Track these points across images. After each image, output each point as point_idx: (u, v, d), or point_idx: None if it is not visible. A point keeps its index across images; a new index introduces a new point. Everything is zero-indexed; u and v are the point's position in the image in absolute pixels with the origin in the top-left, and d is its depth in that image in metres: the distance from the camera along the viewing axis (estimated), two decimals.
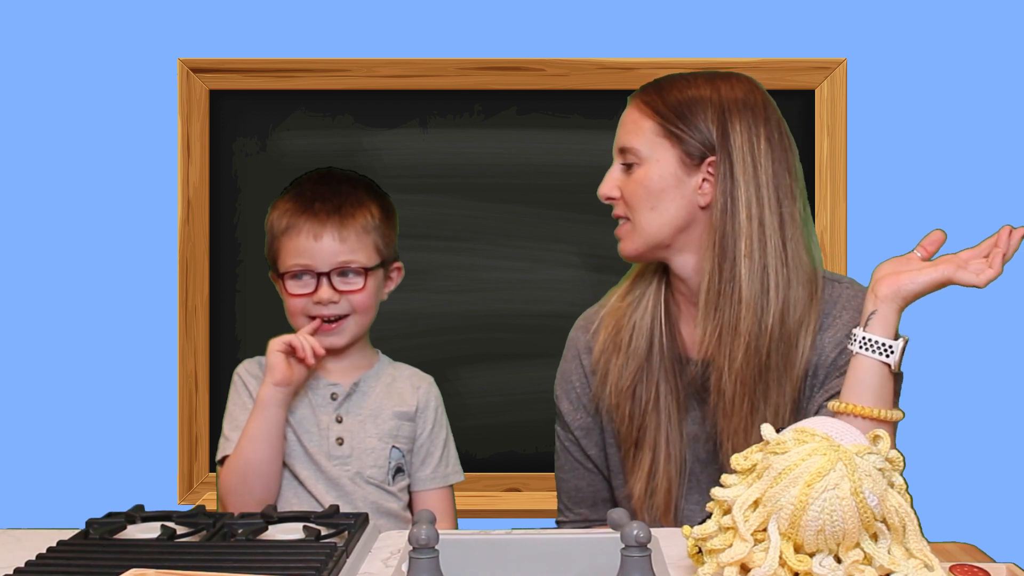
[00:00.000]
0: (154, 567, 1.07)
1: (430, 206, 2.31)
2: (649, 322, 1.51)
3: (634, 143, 1.48)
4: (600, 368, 1.54)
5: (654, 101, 1.49)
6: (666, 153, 1.46)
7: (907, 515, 1.04)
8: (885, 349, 1.34)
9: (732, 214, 1.42)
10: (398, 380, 1.68)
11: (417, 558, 1.04)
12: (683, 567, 1.15)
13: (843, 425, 1.08)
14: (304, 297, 1.59)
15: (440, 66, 2.28)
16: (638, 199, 1.47)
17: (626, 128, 1.51)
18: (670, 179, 1.46)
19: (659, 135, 1.47)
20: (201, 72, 2.29)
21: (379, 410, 1.63)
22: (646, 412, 1.49)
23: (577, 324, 1.64)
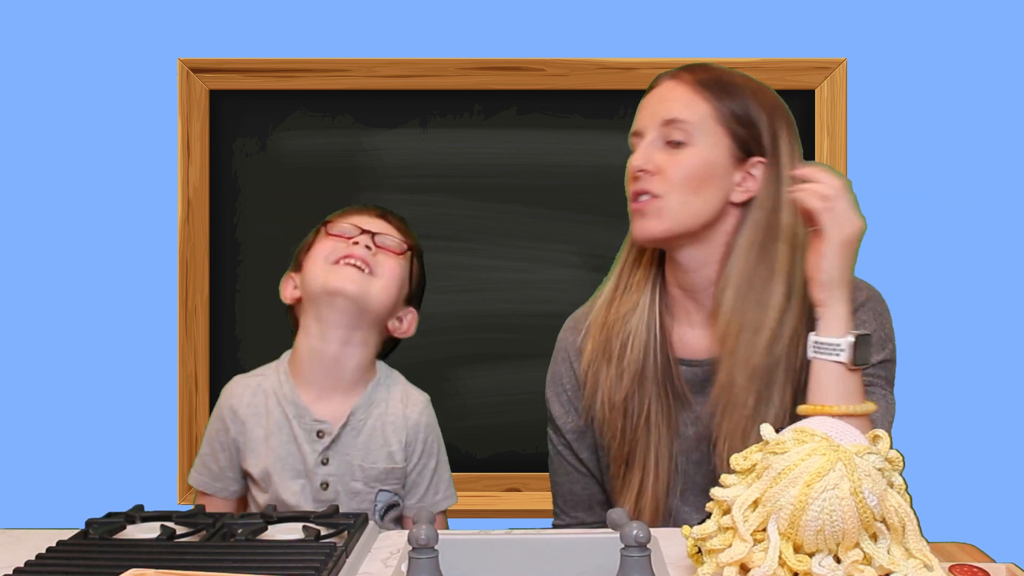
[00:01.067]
0: (154, 567, 1.07)
1: (430, 206, 2.31)
2: (644, 332, 1.48)
3: (687, 118, 1.43)
4: (589, 379, 1.51)
5: (711, 84, 1.45)
6: (721, 140, 1.43)
7: (907, 515, 1.04)
8: (834, 349, 1.33)
9: (777, 217, 1.42)
10: (391, 409, 1.59)
11: (417, 558, 1.04)
12: (683, 567, 1.15)
13: (843, 425, 1.08)
14: (340, 239, 1.57)
15: (440, 66, 2.28)
16: (682, 180, 1.42)
17: (677, 102, 1.45)
18: (719, 168, 1.43)
19: (716, 121, 1.44)
20: (201, 72, 2.29)
21: (368, 452, 1.56)
22: (637, 428, 1.47)
23: (566, 326, 1.62)
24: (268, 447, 1.54)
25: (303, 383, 1.56)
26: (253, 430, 1.55)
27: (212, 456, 1.57)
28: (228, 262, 2.33)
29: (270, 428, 1.54)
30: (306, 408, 1.54)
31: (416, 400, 1.61)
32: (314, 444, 1.54)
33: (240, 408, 1.56)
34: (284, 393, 1.56)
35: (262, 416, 1.55)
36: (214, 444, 1.57)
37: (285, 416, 1.55)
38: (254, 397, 1.57)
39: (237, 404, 1.57)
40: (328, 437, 1.54)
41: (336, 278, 1.54)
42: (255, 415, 1.55)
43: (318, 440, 1.54)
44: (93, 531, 1.23)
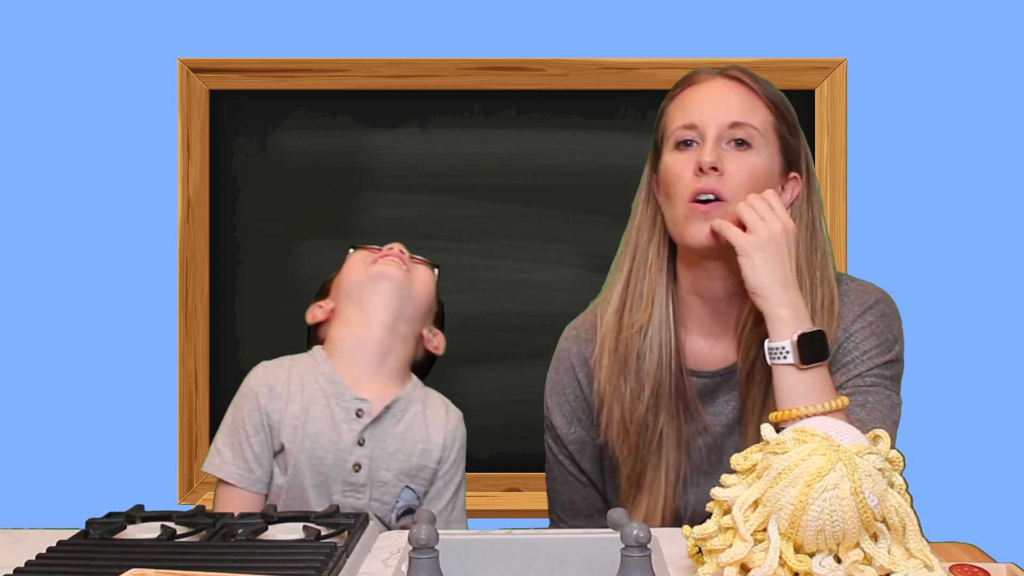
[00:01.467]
0: (154, 567, 1.07)
1: (430, 206, 2.31)
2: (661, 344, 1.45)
3: (755, 123, 1.42)
4: (607, 396, 1.47)
5: (768, 94, 1.45)
6: (776, 150, 1.44)
7: (907, 515, 1.04)
8: (781, 352, 1.33)
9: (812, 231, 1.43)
10: (429, 409, 1.57)
11: (417, 558, 1.04)
12: (683, 567, 1.15)
13: (843, 425, 1.08)
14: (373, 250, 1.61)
15: (440, 66, 2.28)
16: (746, 185, 1.40)
17: (741, 105, 1.43)
18: (773, 177, 1.44)
19: (773, 129, 1.44)
20: (201, 72, 2.29)
21: (405, 442, 1.52)
22: (651, 444, 1.45)
23: (567, 335, 1.59)
24: (301, 422, 1.49)
25: (342, 366, 1.54)
26: (289, 405, 1.50)
27: (246, 443, 1.49)
28: (228, 262, 2.33)
29: (306, 402, 1.50)
30: (345, 386, 1.52)
31: (455, 412, 1.61)
32: (351, 423, 1.50)
33: (277, 384, 1.51)
34: (322, 372, 1.53)
35: (297, 393, 1.51)
36: (247, 428, 1.50)
37: (324, 393, 1.51)
38: (290, 375, 1.53)
39: (273, 380, 1.52)
40: (367, 417, 1.50)
41: (379, 268, 1.57)
42: (289, 391, 1.51)
43: (356, 419, 1.50)
44: (93, 531, 1.23)
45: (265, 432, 1.50)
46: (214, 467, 1.51)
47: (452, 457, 1.56)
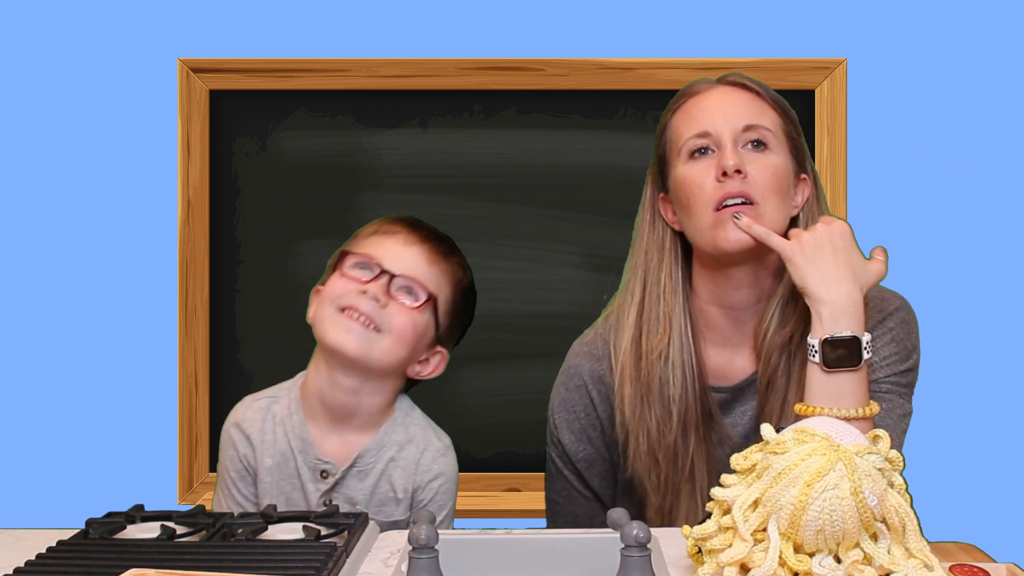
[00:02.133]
0: (154, 567, 1.07)
1: (430, 206, 2.31)
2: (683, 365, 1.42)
3: (768, 125, 1.41)
4: (633, 426, 1.44)
5: (771, 97, 1.45)
6: (787, 150, 1.43)
7: (907, 515, 1.04)
8: (812, 350, 1.30)
9: None
10: (404, 454, 1.48)
11: (417, 558, 1.04)
12: (683, 567, 1.15)
13: (843, 425, 1.08)
14: (353, 282, 1.43)
15: (440, 66, 2.28)
16: (773, 185, 1.39)
17: (752, 109, 1.42)
18: (790, 177, 1.43)
19: (782, 132, 1.43)
20: (201, 72, 2.29)
21: (372, 497, 1.46)
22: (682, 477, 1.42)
23: (577, 352, 1.54)
24: (273, 478, 1.47)
25: (312, 417, 1.47)
26: (262, 457, 1.47)
27: (235, 487, 1.48)
28: (228, 262, 2.33)
29: (276, 460, 1.47)
30: (312, 444, 1.46)
31: (434, 447, 1.50)
32: (318, 483, 1.46)
33: (252, 432, 1.48)
34: (292, 424, 1.47)
35: (270, 445, 1.47)
36: (231, 474, 1.48)
37: (291, 449, 1.46)
38: (264, 423, 1.48)
39: (249, 428, 1.48)
40: (332, 478, 1.45)
41: (336, 333, 1.42)
42: (263, 442, 1.47)
43: (322, 480, 1.45)
44: (93, 531, 1.23)
45: (250, 475, 1.49)
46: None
47: (426, 498, 1.48)
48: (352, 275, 1.45)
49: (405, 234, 1.49)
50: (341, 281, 1.45)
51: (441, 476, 1.49)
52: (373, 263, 1.45)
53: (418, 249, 1.49)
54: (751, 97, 1.44)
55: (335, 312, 1.44)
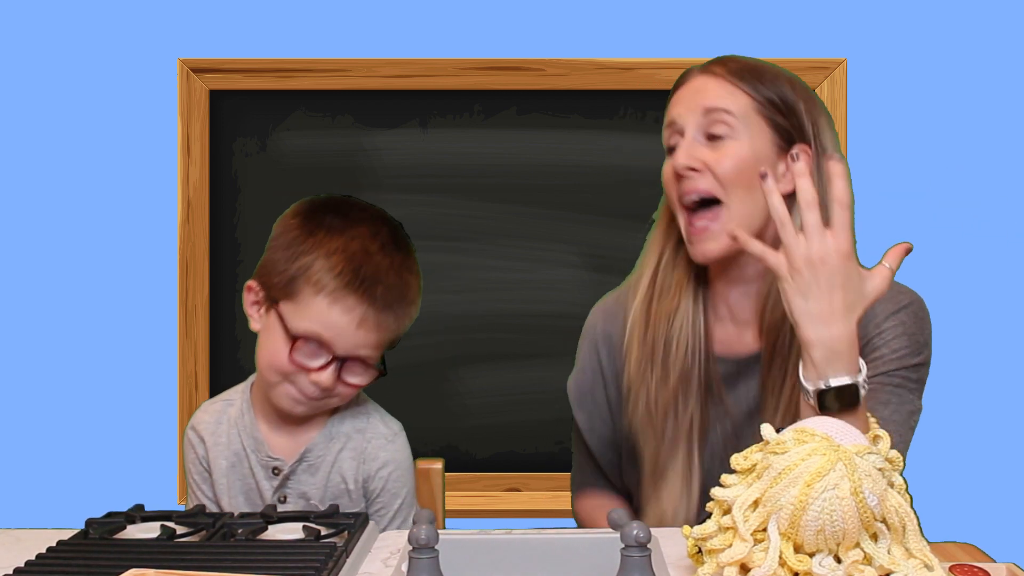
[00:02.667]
0: (154, 567, 1.07)
1: (430, 206, 2.31)
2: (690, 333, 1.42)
3: (729, 107, 1.36)
4: (635, 384, 1.45)
5: (745, 75, 1.39)
6: (762, 130, 1.37)
7: (907, 515, 1.04)
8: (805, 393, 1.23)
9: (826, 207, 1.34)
10: (350, 444, 1.46)
11: (417, 558, 1.04)
12: (683, 567, 1.15)
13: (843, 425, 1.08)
14: (303, 369, 1.37)
15: (440, 66, 2.28)
16: (732, 174, 1.35)
17: (711, 94, 1.38)
18: (765, 160, 1.36)
19: (755, 112, 1.37)
20: (201, 72, 2.29)
21: (325, 490, 1.45)
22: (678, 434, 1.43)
23: (595, 310, 1.56)
24: (229, 479, 1.47)
25: (262, 416, 1.47)
26: (216, 460, 1.47)
27: (198, 490, 1.48)
28: (228, 262, 2.33)
29: (231, 460, 1.47)
30: (263, 442, 1.45)
31: (381, 433, 1.47)
32: (272, 480, 1.45)
33: (206, 435, 1.48)
34: (244, 425, 1.47)
35: (223, 447, 1.47)
36: (194, 476, 1.48)
37: (244, 449, 1.46)
38: (218, 425, 1.48)
39: (203, 431, 1.48)
40: (283, 474, 1.45)
41: (284, 402, 1.40)
42: (217, 444, 1.47)
43: (275, 476, 1.45)
44: (93, 531, 1.23)
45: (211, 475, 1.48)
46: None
47: (378, 486, 1.45)
48: (301, 361, 1.37)
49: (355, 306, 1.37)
50: (285, 362, 1.37)
51: (390, 463, 1.46)
52: (324, 345, 1.37)
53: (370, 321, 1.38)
54: (718, 83, 1.39)
55: (281, 380, 1.40)
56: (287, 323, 1.37)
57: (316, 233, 1.40)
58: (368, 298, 1.37)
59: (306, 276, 1.37)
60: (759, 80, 1.40)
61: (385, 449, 1.46)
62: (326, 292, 1.36)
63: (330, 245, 1.38)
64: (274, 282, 1.40)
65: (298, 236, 1.41)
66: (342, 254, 1.38)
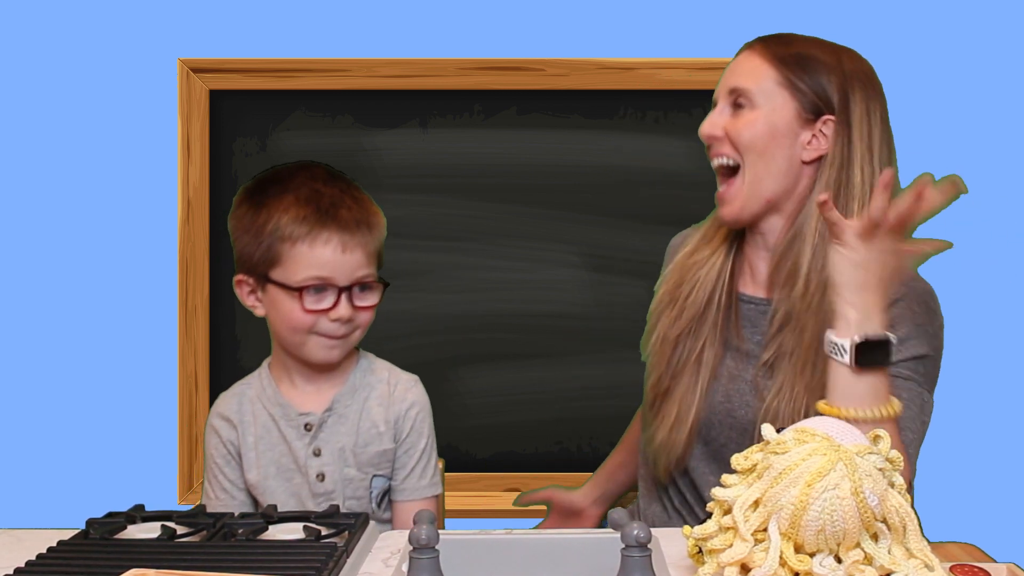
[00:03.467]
0: (154, 567, 1.07)
1: (430, 206, 2.31)
2: (715, 276, 1.50)
3: (750, 86, 1.45)
4: (652, 320, 1.54)
5: (779, 51, 1.47)
6: (785, 103, 1.44)
7: (907, 515, 1.04)
8: (839, 350, 1.29)
9: (848, 174, 1.44)
10: (376, 392, 1.54)
11: (417, 558, 1.04)
12: (683, 567, 1.15)
13: (843, 425, 1.08)
14: (320, 314, 1.45)
15: (440, 66, 2.28)
16: (747, 139, 1.44)
17: (742, 71, 1.47)
18: (784, 128, 1.44)
19: (780, 84, 1.45)
20: (201, 72, 2.29)
21: (357, 436, 1.52)
22: (685, 364, 1.49)
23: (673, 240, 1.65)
24: (259, 452, 1.52)
25: (284, 383, 1.54)
26: (244, 436, 1.53)
27: (221, 474, 1.53)
28: (228, 262, 2.30)
29: (259, 432, 1.53)
30: (289, 404, 1.52)
31: (403, 379, 1.57)
32: (303, 438, 1.51)
33: (232, 415, 1.54)
34: (267, 398, 1.54)
35: (250, 423, 1.53)
36: (217, 461, 1.54)
37: (272, 419, 1.53)
38: (241, 405, 1.55)
39: (229, 413, 1.54)
40: (315, 427, 1.52)
41: (319, 353, 1.49)
42: (243, 422, 1.54)
43: (307, 433, 1.51)
44: (93, 531, 1.23)
45: (235, 459, 1.54)
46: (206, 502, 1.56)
47: (407, 427, 1.54)
48: (314, 308, 1.45)
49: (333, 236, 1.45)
50: (304, 316, 1.46)
51: (416, 404, 1.55)
52: (324, 284, 1.45)
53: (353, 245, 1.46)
54: (752, 61, 1.48)
55: (307, 336, 1.48)
56: (286, 284, 1.45)
57: (265, 203, 1.48)
58: (338, 224, 1.45)
59: (278, 237, 1.46)
60: (792, 58, 1.47)
61: (411, 391, 1.55)
62: (301, 238, 1.44)
63: (282, 203, 1.47)
64: (255, 262, 1.50)
65: (252, 214, 1.49)
66: (295, 202, 1.46)
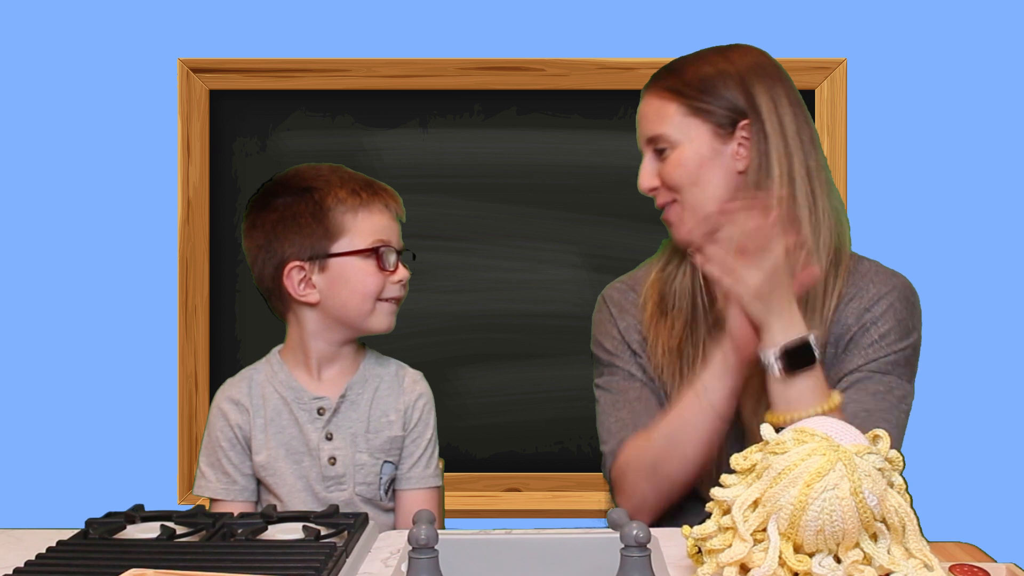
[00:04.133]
0: (154, 567, 1.07)
1: (430, 206, 2.31)
2: (689, 284, 1.52)
3: (662, 130, 1.48)
4: (651, 335, 1.55)
5: (673, 83, 1.49)
6: (698, 130, 1.47)
7: (907, 515, 1.04)
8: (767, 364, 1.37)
9: (767, 172, 1.45)
10: (386, 382, 1.60)
11: (417, 558, 1.04)
12: (683, 567, 1.15)
13: (843, 425, 1.08)
14: (387, 274, 1.54)
15: (440, 66, 2.28)
16: (679, 179, 1.47)
17: (649, 118, 1.51)
18: (707, 153, 1.47)
19: (687, 115, 1.47)
20: (201, 72, 2.29)
21: (369, 422, 1.56)
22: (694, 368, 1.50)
23: (608, 287, 1.65)
24: (269, 435, 1.54)
25: (298, 369, 1.57)
26: (255, 418, 1.55)
27: (225, 458, 1.54)
28: (228, 262, 2.33)
29: (269, 415, 1.54)
30: (303, 389, 1.55)
31: (411, 373, 1.63)
32: (316, 422, 1.54)
33: (242, 399, 1.56)
34: (279, 381, 1.56)
35: (260, 407, 1.55)
36: (222, 444, 1.55)
37: (284, 401, 1.55)
38: (251, 388, 1.56)
39: (239, 396, 1.56)
40: (329, 412, 1.54)
41: (383, 321, 1.56)
42: (253, 405, 1.55)
43: (319, 417, 1.54)
44: (93, 531, 1.23)
45: (241, 444, 1.55)
46: (200, 488, 1.57)
47: (415, 417, 1.59)
48: (388, 267, 1.54)
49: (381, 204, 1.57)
50: (374, 279, 1.53)
51: (424, 395, 1.61)
52: (386, 247, 1.55)
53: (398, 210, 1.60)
54: (652, 104, 1.51)
55: (374, 303, 1.54)
56: (356, 250, 1.53)
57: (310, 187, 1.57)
58: (386, 193, 1.58)
59: (339, 210, 1.54)
60: (686, 84, 1.49)
61: (419, 383, 1.62)
62: (362, 206, 1.55)
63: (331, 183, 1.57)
64: (313, 242, 1.53)
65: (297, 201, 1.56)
66: (342, 180, 1.58)
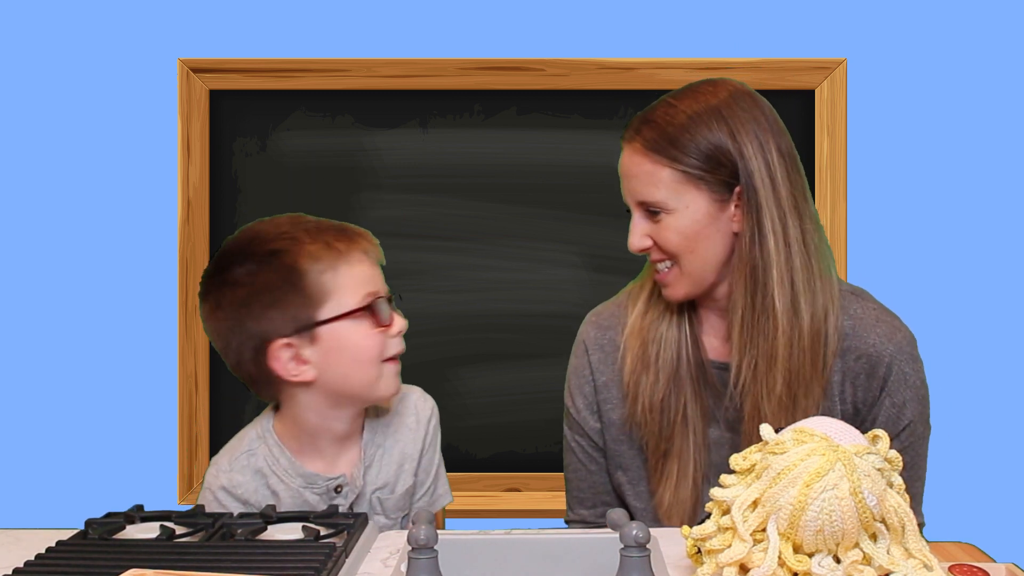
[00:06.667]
0: (153, 567, 1.07)
1: (430, 206, 2.31)
2: (676, 334, 1.48)
3: (656, 197, 1.41)
4: (631, 389, 1.51)
5: (657, 140, 1.42)
6: (696, 198, 1.41)
7: (906, 515, 1.04)
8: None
9: (761, 244, 1.40)
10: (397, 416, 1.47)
11: (416, 558, 1.04)
12: (683, 567, 1.15)
13: (842, 425, 1.08)
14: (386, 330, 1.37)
15: (440, 66, 2.28)
16: (676, 247, 1.42)
17: (640, 180, 1.43)
18: (705, 219, 1.41)
19: (682, 182, 1.41)
20: (201, 72, 2.29)
21: (388, 481, 1.45)
22: (675, 424, 1.48)
23: (587, 321, 1.60)
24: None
25: (302, 453, 1.42)
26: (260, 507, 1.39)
27: None
28: None
29: (281, 506, 1.40)
30: (315, 474, 1.40)
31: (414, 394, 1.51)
32: (336, 499, 1.42)
33: (249, 495, 1.40)
34: (283, 469, 1.41)
35: (264, 499, 1.41)
36: None
37: (295, 489, 1.40)
38: (256, 482, 1.41)
39: (243, 491, 1.40)
40: (346, 486, 1.41)
41: (391, 385, 1.40)
42: (259, 502, 1.40)
43: (337, 495, 1.41)
44: (93, 531, 1.23)
45: None
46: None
47: (427, 442, 1.50)
48: (385, 321, 1.37)
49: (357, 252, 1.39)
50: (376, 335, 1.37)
51: (435, 412, 1.52)
52: (384, 298, 1.39)
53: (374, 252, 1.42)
54: (641, 165, 1.43)
55: (379, 366, 1.38)
56: (347, 311, 1.34)
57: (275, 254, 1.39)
58: (360, 242, 1.39)
59: (316, 270, 1.35)
60: (675, 146, 1.41)
61: (426, 401, 1.51)
62: (340, 259, 1.36)
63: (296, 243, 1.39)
64: (298, 310, 1.35)
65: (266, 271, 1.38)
66: (308, 236, 1.39)
